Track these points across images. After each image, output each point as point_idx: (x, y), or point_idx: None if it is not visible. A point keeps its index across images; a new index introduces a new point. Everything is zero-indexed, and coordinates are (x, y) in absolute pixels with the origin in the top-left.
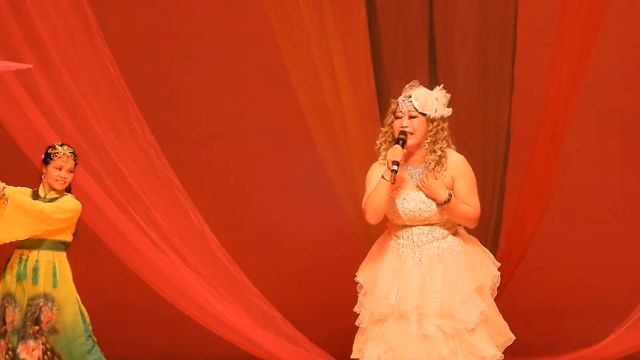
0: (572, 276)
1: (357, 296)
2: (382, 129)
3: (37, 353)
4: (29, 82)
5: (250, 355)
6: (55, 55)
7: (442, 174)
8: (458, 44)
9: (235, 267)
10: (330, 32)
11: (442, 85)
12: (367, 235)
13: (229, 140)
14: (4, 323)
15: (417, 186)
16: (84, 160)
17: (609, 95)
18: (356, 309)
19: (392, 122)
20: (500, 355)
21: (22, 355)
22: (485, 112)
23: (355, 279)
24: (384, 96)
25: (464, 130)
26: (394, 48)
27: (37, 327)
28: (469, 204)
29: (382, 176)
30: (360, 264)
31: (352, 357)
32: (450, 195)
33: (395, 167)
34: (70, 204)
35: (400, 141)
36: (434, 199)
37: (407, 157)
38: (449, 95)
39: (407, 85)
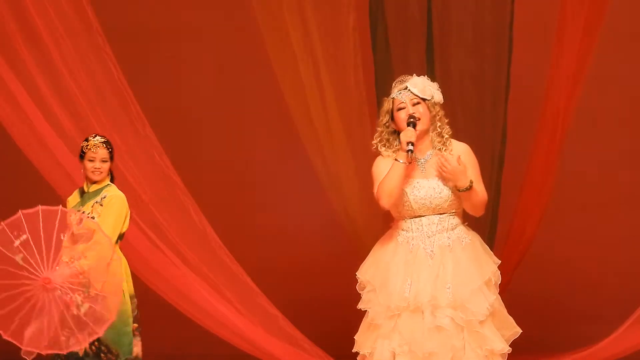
0: (573, 276)
1: (358, 295)
2: (378, 128)
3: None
4: (30, 83)
5: (249, 356)
6: (56, 56)
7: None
8: (455, 44)
9: (237, 266)
10: (317, 37)
11: (425, 76)
12: (355, 236)
13: (231, 140)
14: None
15: (439, 169)
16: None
17: (609, 95)
18: (361, 306)
19: (387, 121)
20: (508, 349)
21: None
22: (481, 111)
23: (356, 276)
24: (383, 96)
25: (460, 130)
26: (392, 49)
27: None
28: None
29: (396, 159)
30: (357, 266)
31: (359, 351)
32: (471, 182)
33: (410, 147)
34: (116, 206)
35: (411, 124)
36: (456, 185)
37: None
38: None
39: (395, 82)
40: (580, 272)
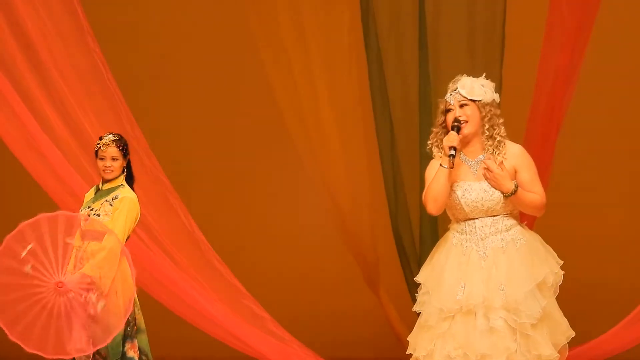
0: (571, 277)
1: (350, 299)
2: (433, 129)
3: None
4: (20, 82)
5: (241, 355)
6: (46, 55)
7: (503, 161)
8: (447, 43)
9: (225, 268)
10: (312, 37)
11: (484, 75)
12: (344, 236)
13: (220, 141)
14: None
15: (483, 175)
16: (73, 160)
17: (602, 94)
18: (415, 308)
19: (443, 121)
20: (556, 355)
21: (130, 353)
22: None
23: (415, 279)
24: (376, 95)
25: None
26: (385, 49)
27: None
28: (533, 191)
29: (440, 164)
30: (349, 267)
31: (412, 353)
32: (516, 186)
33: (452, 152)
34: (127, 207)
35: (455, 128)
36: (500, 191)
37: (463, 147)
38: (493, 84)
39: (451, 82)
40: (573, 273)
